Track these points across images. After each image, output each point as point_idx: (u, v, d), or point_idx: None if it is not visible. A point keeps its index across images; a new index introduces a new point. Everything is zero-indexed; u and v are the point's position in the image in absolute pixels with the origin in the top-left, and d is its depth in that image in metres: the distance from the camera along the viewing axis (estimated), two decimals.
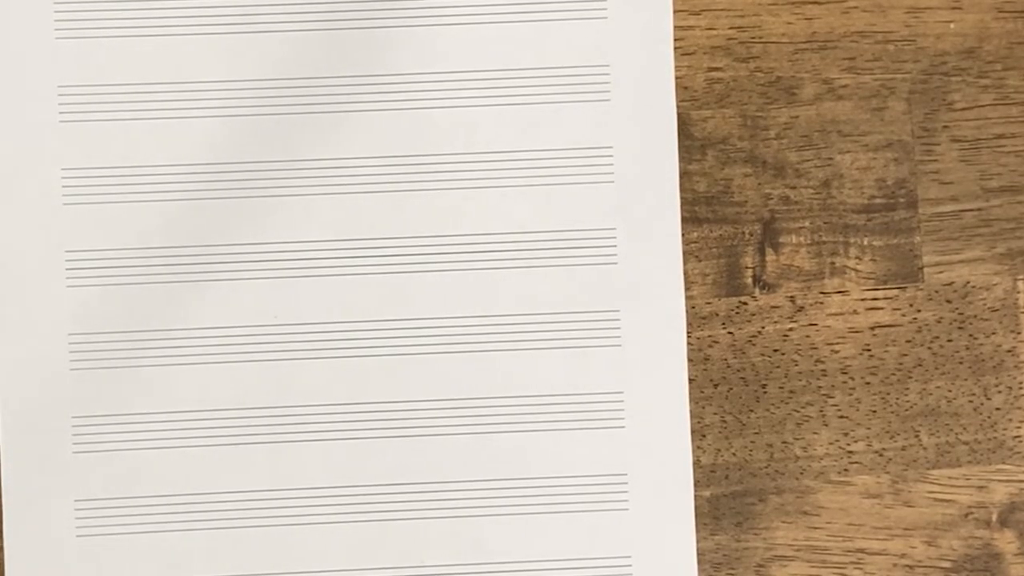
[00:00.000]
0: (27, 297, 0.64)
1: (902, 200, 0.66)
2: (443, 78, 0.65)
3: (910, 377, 0.66)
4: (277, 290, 0.64)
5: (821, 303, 0.66)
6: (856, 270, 0.66)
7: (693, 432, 0.65)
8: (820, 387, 0.66)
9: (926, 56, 0.66)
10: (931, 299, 0.66)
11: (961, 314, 0.66)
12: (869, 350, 0.66)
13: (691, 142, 0.66)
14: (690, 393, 0.65)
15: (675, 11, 0.66)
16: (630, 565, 0.65)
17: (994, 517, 0.66)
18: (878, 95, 0.66)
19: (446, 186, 0.65)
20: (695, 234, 0.66)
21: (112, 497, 0.64)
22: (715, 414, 0.65)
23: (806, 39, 0.66)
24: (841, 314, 0.66)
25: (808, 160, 0.66)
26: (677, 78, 0.66)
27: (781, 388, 0.65)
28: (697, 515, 0.65)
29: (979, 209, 0.66)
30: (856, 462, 0.65)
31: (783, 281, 0.66)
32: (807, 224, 0.66)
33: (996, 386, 0.66)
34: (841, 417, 0.65)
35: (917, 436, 0.66)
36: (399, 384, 0.64)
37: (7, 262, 0.64)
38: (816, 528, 0.65)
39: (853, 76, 0.66)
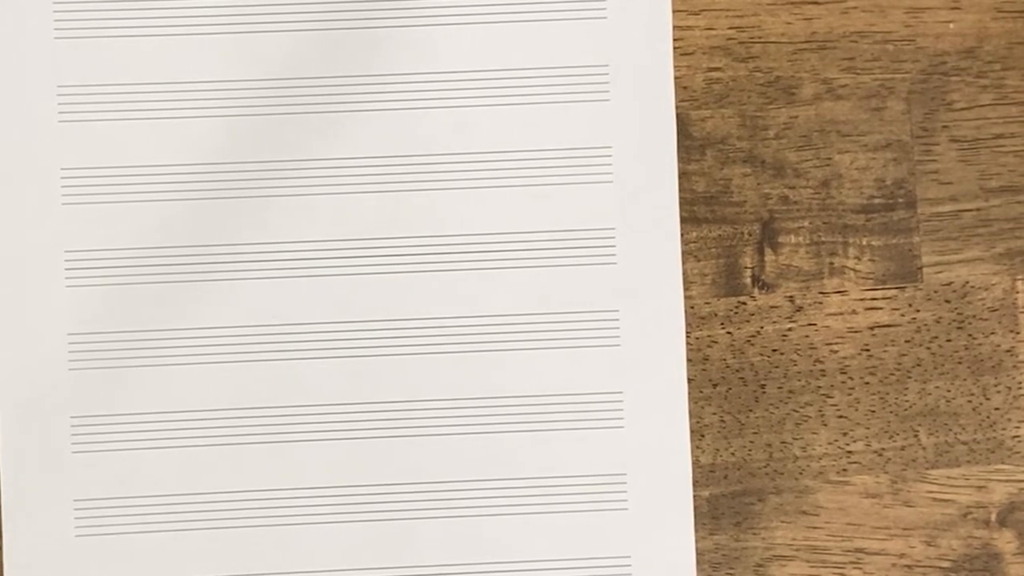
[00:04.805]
0: (26, 297, 0.64)
1: (901, 200, 0.66)
2: (443, 78, 0.65)
3: (909, 377, 0.66)
4: (276, 290, 0.64)
5: (820, 303, 0.66)
6: (855, 270, 0.66)
7: (692, 432, 0.65)
8: (819, 387, 0.66)
9: (925, 56, 0.66)
10: (930, 299, 0.66)
11: (960, 314, 0.66)
12: (868, 350, 0.66)
13: (690, 142, 0.66)
14: (689, 393, 0.65)
15: (674, 11, 0.66)
16: (629, 565, 0.65)
17: (993, 517, 0.66)
18: (877, 95, 0.66)
19: (446, 186, 0.65)
20: (694, 234, 0.66)
21: (111, 497, 0.64)
22: (714, 414, 0.65)
23: (805, 39, 0.66)
24: (840, 314, 0.66)
25: (807, 160, 0.66)
26: (676, 78, 0.66)
27: (780, 388, 0.65)
28: (696, 515, 0.65)
29: (978, 209, 0.66)
30: (855, 462, 0.65)
31: (782, 281, 0.66)
32: (806, 224, 0.66)
33: (995, 386, 0.66)
34: (840, 417, 0.66)
35: (916, 436, 0.66)
36: (398, 384, 0.64)
37: (7, 262, 0.64)
38: (815, 528, 0.65)
39: (852, 76, 0.66)
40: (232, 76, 0.64)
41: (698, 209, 0.66)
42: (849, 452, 0.65)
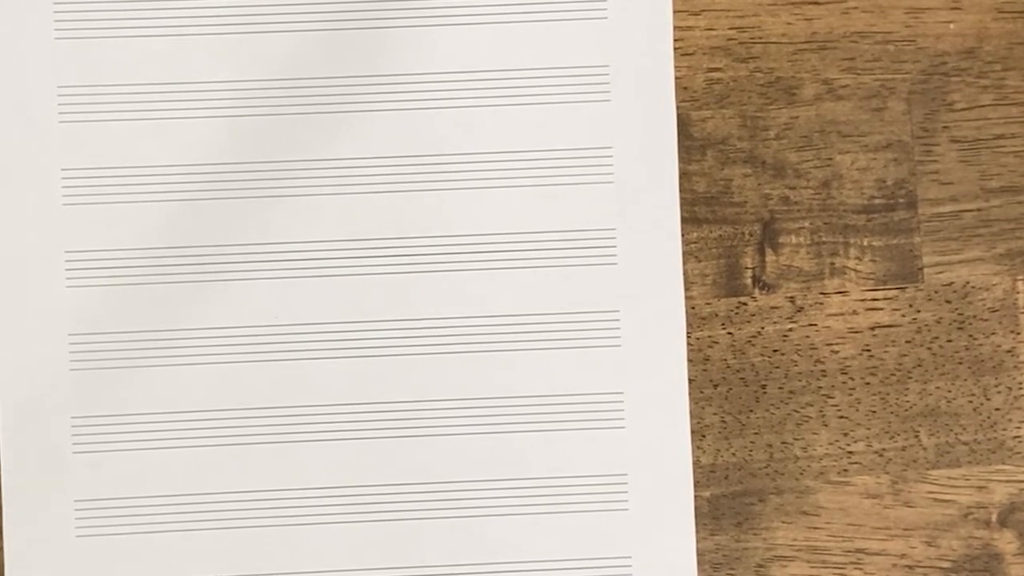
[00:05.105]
0: (27, 297, 0.64)
1: (902, 200, 0.66)
2: (443, 78, 0.65)
3: (910, 377, 0.66)
4: (277, 290, 0.64)
5: (821, 303, 0.66)
6: (856, 270, 0.66)
7: (693, 432, 0.65)
8: (820, 387, 0.66)
9: (926, 56, 0.66)
10: (931, 299, 0.66)
11: (961, 314, 0.66)
12: (869, 350, 0.66)
13: (691, 142, 0.66)
14: (690, 393, 0.65)
15: (675, 11, 0.66)
16: (630, 565, 0.65)
17: (994, 517, 0.66)
18: (878, 95, 0.66)
19: (446, 186, 0.65)
20: (695, 234, 0.66)
21: (112, 497, 0.64)
22: (715, 414, 0.65)
23: (806, 39, 0.66)
24: (841, 314, 0.66)
25: (808, 160, 0.66)
26: (677, 78, 0.66)
27: (781, 388, 0.65)
28: (697, 515, 0.65)
29: (979, 209, 0.66)
30: (856, 462, 0.65)
31: (783, 281, 0.66)
32: (807, 224, 0.66)
33: (996, 386, 0.66)
34: (841, 417, 0.66)
35: (917, 436, 0.66)
36: (400, 384, 0.64)
37: (7, 262, 0.64)
38: (816, 528, 0.65)
39: (853, 76, 0.66)
40: (235, 76, 0.64)
41: (699, 209, 0.66)
42: (850, 452, 0.65)
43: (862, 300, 0.66)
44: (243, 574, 0.64)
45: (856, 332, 0.66)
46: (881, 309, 0.66)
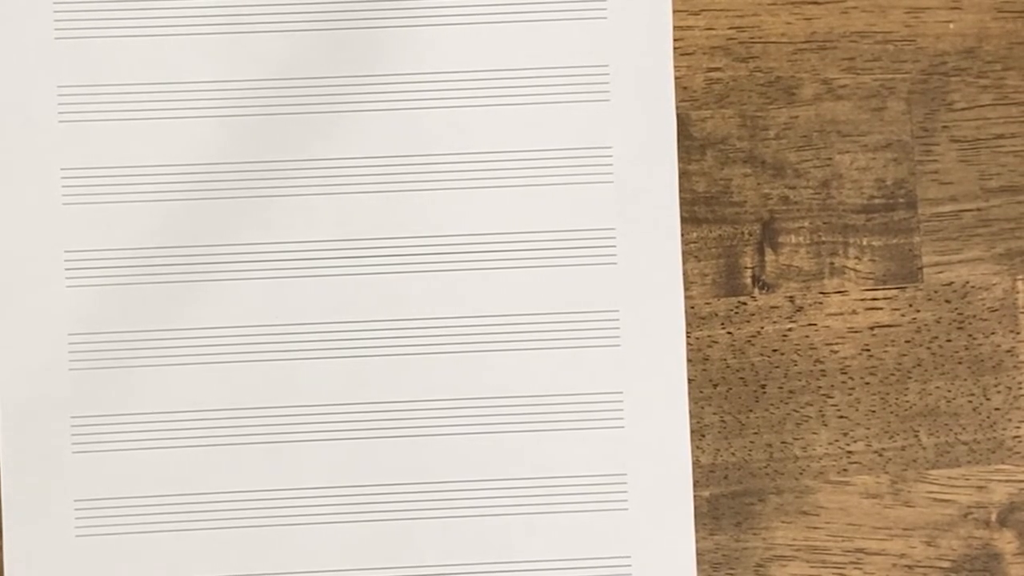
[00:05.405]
0: (27, 297, 0.64)
1: (901, 200, 0.66)
2: (443, 78, 0.65)
3: (909, 377, 0.66)
4: (276, 290, 0.64)
5: (820, 303, 0.66)
6: (855, 270, 0.66)
7: (692, 432, 0.65)
8: (819, 387, 0.66)
9: (926, 56, 0.66)
10: (930, 299, 0.66)
11: (960, 314, 0.66)
12: (868, 350, 0.66)
13: (690, 142, 0.66)
14: (689, 393, 0.65)
15: (674, 11, 0.66)
16: (629, 565, 0.65)
17: (993, 517, 0.66)
18: (877, 95, 0.66)
19: (446, 186, 0.65)
20: (694, 234, 0.66)
21: (112, 497, 0.64)
22: (714, 414, 0.65)
23: (805, 39, 0.66)
24: (840, 314, 0.66)
25: (807, 160, 0.66)
26: (676, 78, 0.66)
27: (780, 388, 0.65)
28: (696, 515, 0.65)
29: (978, 209, 0.66)
30: (855, 462, 0.65)
31: (782, 281, 0.66)
32: (806, 224, 0.66)
33: (995, 386, 0.66)
34: (840, 417, 0.66)
35: (916, 436, 0.66)
36: (398, 384, 0.64)
37: (7, 262, 0.64)
38: (815, 528, 0.65)
39: (852, 76, 0.66)
40: (232, 76, 0.64)
41: (698, 209, 0.66)
42: (849, 452, 0.65)
43: (862, 300, 0.66)
44: (243, 574, 0.64)
45: (856, 332, 0.66)
46: (881, 309, 0.66)
